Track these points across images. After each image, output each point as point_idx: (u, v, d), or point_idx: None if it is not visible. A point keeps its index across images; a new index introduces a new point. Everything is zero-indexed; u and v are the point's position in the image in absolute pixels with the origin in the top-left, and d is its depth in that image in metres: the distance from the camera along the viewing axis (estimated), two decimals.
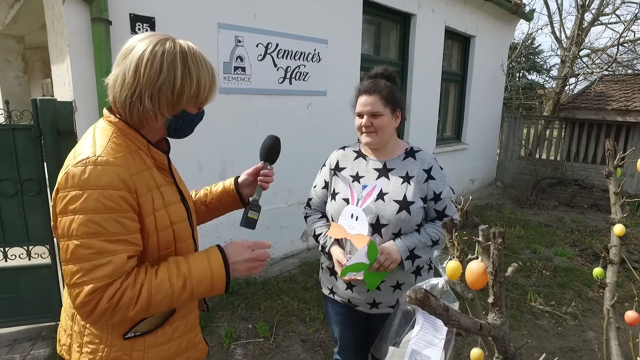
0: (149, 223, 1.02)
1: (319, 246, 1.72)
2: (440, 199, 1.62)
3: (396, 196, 1.58)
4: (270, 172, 1.42)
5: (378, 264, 1.50)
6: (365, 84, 1.63)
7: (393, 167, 1.64)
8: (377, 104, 1.57)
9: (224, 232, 3.73)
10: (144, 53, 0.99)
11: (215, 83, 1.11)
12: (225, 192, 1.44)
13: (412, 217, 1.57)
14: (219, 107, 3.48)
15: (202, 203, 1.44)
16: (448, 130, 7.22)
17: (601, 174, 7.28)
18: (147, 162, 1.07)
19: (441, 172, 1.67)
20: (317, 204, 1.81)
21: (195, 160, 3.39)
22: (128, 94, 1.00)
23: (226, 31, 3.40)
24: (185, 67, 1.02)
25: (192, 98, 1.06)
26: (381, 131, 1.60)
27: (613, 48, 8.52)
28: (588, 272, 4.25)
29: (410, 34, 5.44)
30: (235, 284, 3.62)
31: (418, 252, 1.58)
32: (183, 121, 1.09)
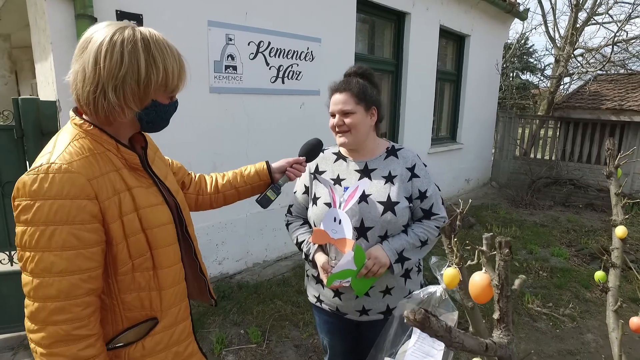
0: (114, 230, 0.96)
1: (303, 254, 1.64)
2: (427, 197, 1.57)
3: (380, 197, 1.52)
4: (303, 167, 1.51)
5: (366, 270, 1.44)
6: (337, 82, 1.58)
7: (375, 168, 1.58)
8: (348, 101, 1.51)
9: (215, 234, 3.64)
10: (102, 43, 0.93)
11: (185, 69, 1.06)
12: (258, 175, 1.48)
13: (398, 218, 1.51)
14: (210, 107, 3.40)
15: (233, 186, 1.47)
16: (443, 130, 7.17)
17: (596, 174, 7.28)
18: (116, 163, 1.01)
19: (425, 170, 1.61)
20: (299, 211, 1.73)
21: (184, 161, 3.27)
22: (90, 90, 0.94)
23: (217, 29, 3.32)
24: (148, 55, 0.97)
25: (160, 87, 1.01)
26: (355, 130, 1.53)
27: (607, 47, 8.53)
28: (585, 273, 4.21)
29: (404, 32, 5.38)
30: (227, 287, 3.54)
31: (407, 254, 1.51)
32: (156, 112, 1.04)
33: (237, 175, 1.48)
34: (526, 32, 18.96)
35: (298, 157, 1.53)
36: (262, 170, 1.49)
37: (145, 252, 1.02)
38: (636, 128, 6.90)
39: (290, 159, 1.52)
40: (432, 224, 1.57)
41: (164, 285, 1.07)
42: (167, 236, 1.07)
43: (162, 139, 3.17)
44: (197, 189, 1.45)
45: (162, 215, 1.06)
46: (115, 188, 0.97)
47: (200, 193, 1.45)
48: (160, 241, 1.04)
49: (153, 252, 1.03)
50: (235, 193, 1.48)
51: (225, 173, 1.51)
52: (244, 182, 1.47)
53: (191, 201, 1.44)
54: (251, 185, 1.48)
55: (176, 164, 1.44)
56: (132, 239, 0.99)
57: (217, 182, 1.47)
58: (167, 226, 1.07)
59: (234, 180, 1.47)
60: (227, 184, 1.46)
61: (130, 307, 1.03)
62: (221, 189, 1.47)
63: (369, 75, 1.60)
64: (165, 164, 1.27)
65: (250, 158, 3.73)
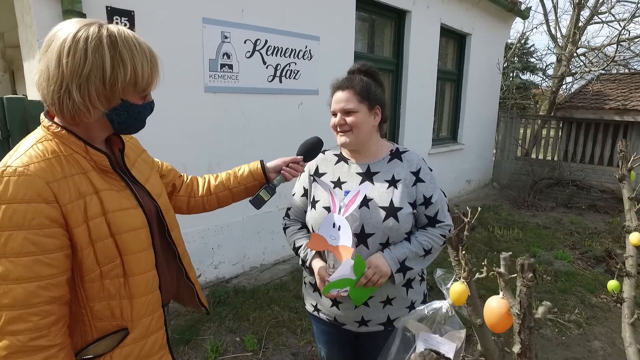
0: (79, 234, 0.92)
1: (300, 260, 1.55)
2: (432, 203, 1.48)
3: (382, 202, 1.43)
4: (300, 167, 1.45)
5: (366, 279, 1.34)
6: (339, 80, 1.49)
7: (377, 171, 1.49)
8: (350, 99, 1.43)
9: (210, 237, 3.55)
10: (66, 40, 0.90)
11: (157, 68, 1.02)
12: (252, 175, 1.43)
13: (401, 225, 1.42)
14: (205, 106, 3.30)
15: (226, 187, 1.42)
16: (444, 131, 7.07)
17: (599, 174, 7.18)
18: (85, 166, 0.96)
19: (430, 174, 1.52)
20: (297, 214, 1.64)
21: (179, 162, 3.20)
22: (55, 89, 0.91)
23: (212, 26, 3.22)
24: (115, 52, 0.92)
25: (129, 86, 0.96)
26: (357, 129, 1.44)
27: (610, 46, 8.44)
28: (590, 277, 4.11)
29: (405, 31, 5.29)
30: (223, 292, 3.44)
31: (409, 263, 1.42)
32: (127, 113, 0.99)
33: (231, 176, 1.44)
34: (527, 31, 18.84)
35: (295, 157, 1.45)
36: (256, 170, 1.44)
37: (115, 258, 0.97)
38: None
39: (287, 158, 1.46)
40: (437, 232, 1.48)
41: (136, 293, 1.02)
42: (139, 242, 1.01)
43: (156, 140, 3.08)
44: (188, 191, 1.39)
45: (134, 219, 1.01)
46: (80, 191, 0.93)
47: (192, 195, 1.40)
48: (131, 247, 0.99)
49: (123, 258, 0.98)
50: (229, 194, 1.43)
51: (218, 174, 1.46)
52: (238, 182, 1.43)
53: (182, 204, 1.39)
54: (245, 186, 1.43)
55: (166, 167, 1.37)
56: (99, 244, 0.94)
57: (210, 184, 1.42)
58: (140, 231, 1.02)
59: (227, 181, 1.43)
60: (220, 185, 1.42)
61: (100, 317, 0.99)
62: (214, 190, 1.41)
63: (373, 72, 1.51)
64: (149, 166, 1.21)
65: (247, 159, 3.58)
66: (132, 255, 1.00)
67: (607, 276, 4.16)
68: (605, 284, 4.01)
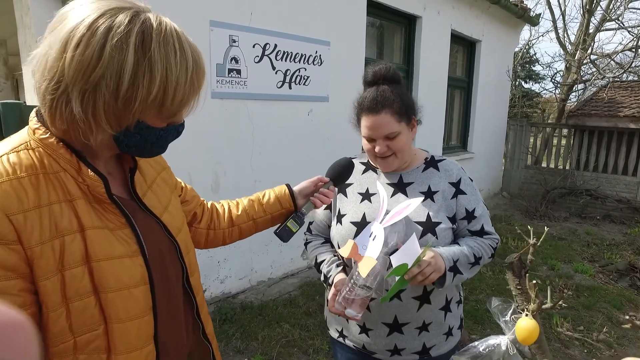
0: (48, 289, 0.67)
1: (322, 275, 1.37)
2: (475, 217, 1.31)
3: (418, 216, 1.26)
4: (331, 192, 1.26)
5: (418, 269, 1.12)
6: (368, 99, 1.26)
7: (411, 181, 1.33)
8: (390, 123, 1.23)
9: (216, 250, 3.37)
10: (78, 27, 0.65)
11: (199, 87, 0.77)
12: (279, 202, 1.22)
13: (440, 241, 1.25)
14: (212, 113, 3.15)
15: (250, 217, 1.20)
16: (453, 139, 6.92)
17: (613, 184, 6.99)
18: (72, 190, 0.72)
19: (472, 185, 1.36)
20: (319, 229, 1.47)
21: (184, 172, 3.03)
22: (49, 86, 0.67)
23: (219, 30, 3.08)
24: (144, 57, 0.67)
25: (152, 107, 0.71)
26: (401, 152, 1.28)
27: (622, 53, 8.31)
28: (614, 292, 3.91)
29: (415, 37, 5.16)
30: (229, 309, 3.26)
31: (460, 267, 1.24)
32: (140, 136, 0.75)
33: (254, 204, 1.21)
34: (533, 39, 18.79)
35: (322, 177, 1.27)
36: (283, 195, 1.23)
37: (97, 326, 0.72)
38: None
39: (314, 179, 1.26)
40: (487, 242, 1.32)
41: None
42: (132, 305, 0.75)
43: None
44: (209, 223, 1.16)
45: (128, 273, 0.75)
46: (58, 227, 0.68)
47: (212, 227, 1.16)
48: (119, 312, 0.73)
49: (109, 327, 0.73)
50: (253, 225, 1.21)
51: (239, 201, 1.23)
52: (263, 211, 1.20)
53: (201, 237, 1.15)
54: (271, 215, 1.21)
55: (190, 191, 1.14)
56: (76, 305, 0.69)
57: (232, 213, 1.19)
58: (135, 290, 0.76)
59: (251, 209, 1.20)
60: (243, 215, 1.19)
61: None
62: (236, 221, 1.19)
63: (399, 78, 1.32)
64: (169, 189, 0.97)
65: (255, 168, 3.47)
66: (122, 325, 0.74)
67: (632, 291, 3.96)
68: (632, 299, 3.83)
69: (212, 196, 3.25)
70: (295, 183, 1.29)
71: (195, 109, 0.78)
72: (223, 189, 3.28)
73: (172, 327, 0.87)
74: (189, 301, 0.93)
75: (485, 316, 3.28)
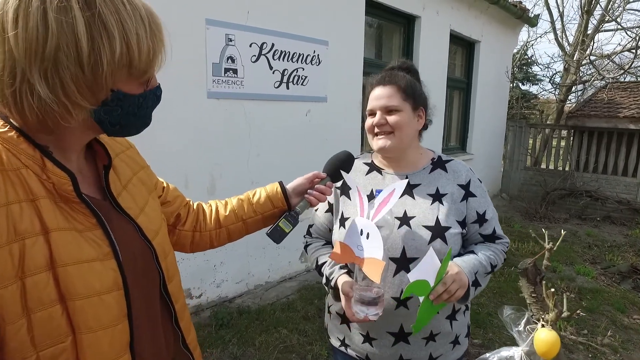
0: (6, 299, 0.60)
1: (324, 278, 1.29)
2: (486, 220, 1.26)
3: (426, 220, 1.20)
4: (328, 189, 1.17)
5: (443, 287, 1.05)
6: (378, 75, 1.28)
7: (418, 183, 1.26)
8: (393, 96, 1.21)
9: (212, 254, 3.30)
10: (8, 2, 0.58)
11: (161, 36, 0.72)
12: (271, 201, 1.14)
13: (450, 247, 1.18)
14: (208, 113, 3.08)
15: (239, 218, 1.13)
16: (452, 140, 6.87)
17: (612, 185, 6.95)
18: (35, 189, 0.65)
19: (482, 187, 1.31)
20: (321, 232, 1.40)
21: (180, 174, 2.97)
22: (3, 79, 0.60)
23: (215, 28, 3.02)
24: (93, 16, 0.61)
25: (121, 68, 0.65)
26: (399, 131, 1.21)
27: (622, 54, 8.28)
28: (617, 295, 3.85)
29: (414, 37, 5.11)
30: (226, 313, 3.18)
31: (480, 278, 1.18)
32: (122, 109, 0.69)
33: (244, 203, 1.14)
34: (531, 40, 18.81)
35: (319, 172, 1.18)
36: (275, 194, 1.14)
37: (64, 338, 0.65)
38: None
39: (309, 175, 1.17)
40: (499, 247, 1.27)
41: None
42: (105, 312, 0.68)
43: (154, 148, 2.85)
44: (194, 225, 1.09)
45: (99, 277, 0.68)
46: (17, 229, 0.61)
47: (198, 229, 1.09)
48: (90, 320, 0.67)
49: (78, 338, 0.66)
50: (242, 227, 1.13)
51: (227, 200, 1.16)
52: (253, 211, 1.13)
53: (186, 240, 1.08)
54: (262, 215, 1.14)
55: (172, 191, 1.06)
56: (39, 316, 0.62)
57: (219, 214, 1.12)
58: (107, 297, 0.69)
59: (240, 209, 1.13)
60: (231, 216, 1.12)
61: None
62: (224, 222, 1.11)
63: (415, 71, 1.31)
64: (147, 189, 0.90)
65: (252, 170, 3.40)
66: (93, 334, 0.67)
67: (635, 294, 3.91)
68: (635, 302, 3.77)
69: (208, 198, 3.17)
70: None
71: (164, 63, 0.73)
72: (219, 190, 3.21)
73: (150, 335, 0.80)
74: (167, 309, 0.87)
75: (487, 320, 3.21)
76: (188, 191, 3.03)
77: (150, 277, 0.81)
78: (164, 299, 0.86)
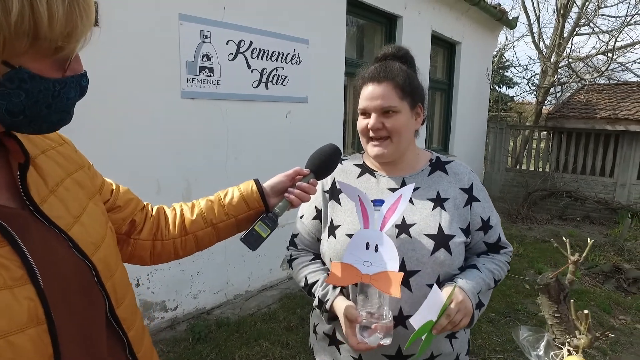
0: None
1: (315, 300, 1.14)
2: (491, 227, 1.15)
3: (427, 228, 1.07)
4: (312, 187, 1.02)
5: (447, 320, 0.95)
6: (371, 68, 1.12)
7: (417, 186, 1.14)
8: (390, 95, 1.07)
9: (189, 263, 3.11)
10: None
11: (88, 9, 0.55)
12: (245, 202, 0.98)
13: (454, 258, 1.07)
14: (182, 114, 2.91)
15: (208, 222, 0.97)
16: (435, 142, 6.83)
17: (591, 185, 7.04)
18: None
19: (484, 190, 1.20)
20: (307, 243, 1.25)
21: (152, 179, 2.79)
22: None
23: (189, 24, 2.85)
24: None
25: (22, 37, 0.49)
26: (397, 136, 1.09)
27: (598, 56, 8.45)
28: (602, 295, 3.84)
29: (396, 37, 5.03)
30: (203, 327, 3.00)
31: (482, 297, 1.08)
32: (26, 94, 0.52)
33: (214, 205, 0.99)
34: (508, 43, 19.17)
35: (301, 169, 1.03)
36: (250, 193, 0.99)
37: None
38: (631, 137, 6.71)
39: (290, 171, 1.03)
40: (503, 258, 1.17)
41: None
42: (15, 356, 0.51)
43: (122, 151, 2.67)
44: (154, 232, 0.93)
45: (8, 311, 0.52)
46: None
47: (159, 237, 0.94)
48: None
49: None
50: (212, 232, 0.98)
51: (195, 202, 1.00)
52: (225, 213, 0.98)
53: (144, 252, 0.93)
54: (236, 218, 0.99)
55: (123, 193, 0.90)
56: None
57: (185, 218, 0.97)
58: (21, 337, 0.52)
59: (210, 212, 0.98)
60: (199, 220, 0.97)
61: None
62: (190, 228, 0.96)
63: (411, 60, 1.17)
64: (86, 194, 0.73)
65: (230, 174, 3.23)
66: None
67: (619, 294, 3.90)
68: (620, 302, 3.76)
69: None
70: None
71: (89, 40, 0.57)
72: (195, 196, 3.00)
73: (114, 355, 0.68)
74: (118, 338, 0.71)
75: (476, 326, 3.13)
76: (160, 197, 2.86)
77: (90, 302, 0.65)
78: (112, 327, 0.70)
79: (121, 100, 2.54)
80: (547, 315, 0.82)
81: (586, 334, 0.63)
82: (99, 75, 2.42)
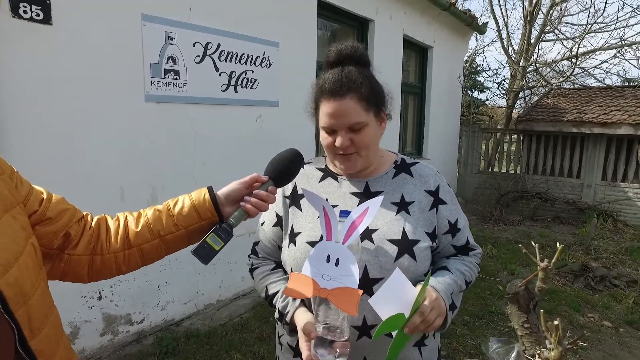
0: None
1: (276, 312, 1.09)
2: (459, 230, 1.11)
3: (391, 234, 1.02)
4: (271, 195, 0.96)
5: (420, 318, 0.90)
6: (330, 80, 1.02)
7: (379, 190, 1.09)
8: (355, 111, 1.00)
9: (155, 273, 2.98)
10: None
11: None
12: (196, 211, 0.91)
13: (419, 264, 1.03)
14: (147, 118, 2.79)
15: (155, 234, 0.90)
16: (408, 145, 6.88)
17: (560, 186, 7.23)
18: None
19: (451, 192, 1.16)
20: (268, 251, 1.18)
21: (115, 186, 2.65)
22: None
23: (153, 25, 2.75)
24: None
25: None
26: (366, 150, 1.05)
27: (564, 62, 8.73)
28: (572, 294, 3.91)
29: (368, 41, 5.04)
30: (171, 339, 2.88)
31: (455, 299, 1.04)
32: None
33: (162, 215, 0.91)
34: (479, 49, 19.68)
35: (259, 175, 0.97)
36: (202, 202, 0.92)
37: None
38: (595, 140, 6.94)
39: (247, 178, 0.96)
40: (473, 260, 1.13)
41: None
42: None
43: (82, 157, 2.53)
44: (92, 246, 0.85)
45: None
46: None
47: (98, 251, 0.86)
48: None
49: None
50: (160, 245, 0.91)
51: (141, 212, 0.93)
52: (174, 224, 0.91)
53: (81, 267, 0.84)
54: (186, 229, 0.92)
55: (55, 203, 0.81)
56: None
57: (128, 230, 0.89)
58: None
59: (157, 223, 0.90)
60: (144, 232, 0.89)
61: None
62: (135, 240, 0.89)
63: (367, 60, 1.08)
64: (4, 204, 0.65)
65: (198, 180, 3.13)
66: None
67: (588, 292, 3.98)
68: (588, 300, 3.84)
69: None
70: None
71: None
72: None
73: None
74: None
75: (451, 329, 3.12)
76: (125, 204, 2.73)
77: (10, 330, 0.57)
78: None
79: (75, 103, 2.40)
80: (517, 326, 0.79)
81: (556, 346, 0.60)
82: (51, 76, 2.29)
